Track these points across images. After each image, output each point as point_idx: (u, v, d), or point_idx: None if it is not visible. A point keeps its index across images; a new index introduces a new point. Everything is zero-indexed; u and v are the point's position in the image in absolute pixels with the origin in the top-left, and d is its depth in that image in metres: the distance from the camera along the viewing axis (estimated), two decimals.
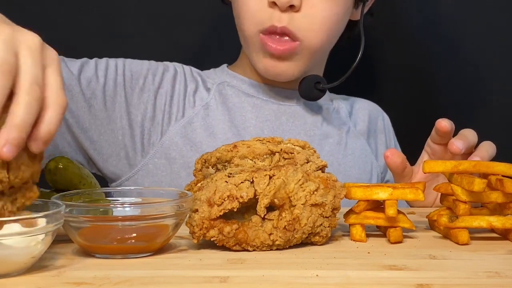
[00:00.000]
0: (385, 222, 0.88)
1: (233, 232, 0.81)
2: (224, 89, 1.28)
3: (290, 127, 1.27)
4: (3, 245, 0.69)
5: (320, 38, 1.20)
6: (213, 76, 1.31)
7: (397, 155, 1.09)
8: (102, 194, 0.88)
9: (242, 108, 1.26)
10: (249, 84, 1.28)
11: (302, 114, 1.29)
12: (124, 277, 0.71)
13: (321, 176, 0.86)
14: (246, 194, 0.81)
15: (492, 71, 1.50)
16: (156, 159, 1.21)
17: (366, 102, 1.40)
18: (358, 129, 1.35)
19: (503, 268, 0.75)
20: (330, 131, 1.30)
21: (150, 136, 1.22)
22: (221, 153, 0.89)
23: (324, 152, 1.26)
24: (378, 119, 1.39)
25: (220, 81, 1.29)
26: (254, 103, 1.27)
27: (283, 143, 0.91)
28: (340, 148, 1.29)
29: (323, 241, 0.85)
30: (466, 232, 0.86)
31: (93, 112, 1.19)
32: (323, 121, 1.30)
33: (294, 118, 1.28)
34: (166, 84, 1.25)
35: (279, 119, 1.27)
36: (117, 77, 1.22)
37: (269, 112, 1.27)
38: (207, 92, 1.27)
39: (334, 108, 1.34)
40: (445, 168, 0.90)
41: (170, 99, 1.24)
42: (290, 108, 1.28)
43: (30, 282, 0.70)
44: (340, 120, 1.33)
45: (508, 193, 0.88)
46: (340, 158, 1.28)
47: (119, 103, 1.21)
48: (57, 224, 0.73)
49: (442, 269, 0.75)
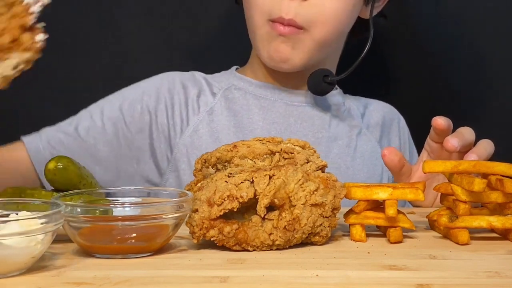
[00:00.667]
0: (385, 222, 0.88)
1: (233, 232, 0.81)
2: (231, 93, 1.28)
3: (298, 129, 1.27)
4: (3, 245, 0.69)
5: (327, 30, 1.20)
6: (221, 80, 1.31)
7: (394, 153, 1.09)
8: (102, 194, 0.88)
9: (249, 110, 1.26)
10: (256, 86, 1.28)
11: (310, 115, 1.28)
12: (124, 277, 0.71)
13: (321, 176, 0.86)
14: (246, 194, 0.81)
15: (495, 71, 1.49)
16: (172, 173, 1.24)
17: (382, 103, 1.38)
18: (370, 130, 1.33)
19: (503, 268, 0.75)
20: (339, 133, 1.29)
21: (162, 155, 1.24)
22: (221, 153, 0.89)
23: (332, 155, 1.25)
24: (393, 122, 1.36)
25: (228, 85, 1.29)
26: (261, 105, 1.27)
27: (283, 143, 0.91)
28: (349, 150, 1.28)
29: (323, 241, 0.85)
30: (466, 232, 0.86)
31: (102, 155, 1.22)
32: (332, 123, 1.29)
33: (302, 120, 1.27)
34: (163, 98, 1.25)
35: (287, 120, 1.27)
36: (113, 114, 1.24)
37: (276, 114, 1.27)
38: (212, 96, 1.27)
39: (346, 109, 1.33)
40: (445, 168, 0.90)
41: (171, 112, 1.25)
42: (298, 109, 1.28)
43: (30, 282, 0.70)
44: (351, 122, 1.31)
45: (508, 193, 0.88)
46: (348, 161, 1.27)
47: (124, 137, 1.23)
48: (57, 224, 0.73)
49: (442, 269, 0.75)
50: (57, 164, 0.87)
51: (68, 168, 0.87)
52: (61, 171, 0.87)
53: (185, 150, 1.23)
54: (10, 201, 0.81)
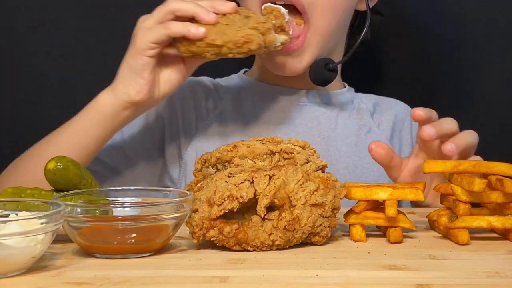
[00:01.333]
0: (385, 222, 0.88)
1: (233, 232, 0.81)
2: (239, 97, 1.28)
3: (304, 129, 1.26)
4: (3, 245, 0.69)
5: (326, 16, 1.19)
6: (228, 84, 1.31)
7: (381, 147, 1.09)
8: (102, 194, 0.88)
9: (256, 112, 1.26)
10: (263, 87, 1.28)
11: (317, 115, 1.28)
12: (124, 277, 0.71)
13: (321, 176, 0.86)
14: (246, 194, 0.81)
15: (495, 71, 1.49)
16: (183, 179, 1.24)
17: (394, 101, 1.37)
18: (381, 129, 1.32)
19: (503, 268, 0.75)
20: (347, 131, 1.28)
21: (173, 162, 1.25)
22: (221, 153, 0.89)
23: (340, 153, 1.25)
24: (405, 120, 1.34)
25: (235, 88, 1.29)
26: (268, 107, 1.27)
27: (283, 143, 0.91)
28: (357, 149, 1.27)
29: (323, 241, 0.85)
30: (466, 232, 0.86)
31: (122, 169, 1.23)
32: (339, 121, 1.29)
33: (308, 120, 1.27)
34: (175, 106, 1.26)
35: (292, 121, 1.26)
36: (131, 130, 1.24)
37: (282, 115, 1.26)
38: (220, 100, 1.28)
39: (354, 107, 1.32)
40: (445, 168, 0.90)
41: (182, 119, 1.25)
42: (305, 109, 1.27)
43: (30, 282, 0.70)
44: (360, 121, 1.31)
45: (508, 193, 0.88)
46: (356, 160, 1.26)
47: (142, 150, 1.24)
48: (57, 224, 0.73)
49: (442, 269, 0.75)
50: (57, 164, 0.87)
51: (68, 168, 0.87)
52: (61, 171, 0.87)
53: (194, 155, 1.23)
54: (10, 201, 0.81)
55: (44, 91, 1.45)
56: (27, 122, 1.44)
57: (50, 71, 1.44)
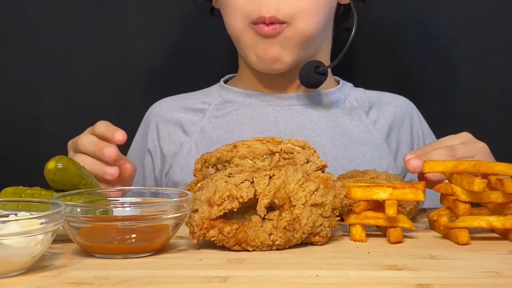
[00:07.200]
0: (385, 222, 0.88)
1: (233, 232, 0.81)
2: (222, 106, 1.27)
3: (288, 135, 1.19)
4: (3, 245, 0.70)
5: (310, 20, 1.18)
6: (210, 95, 1.30)
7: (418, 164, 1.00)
8: (102, 194, 0.88)
9: (239, 121, 1.24)
10: (246, 95, 1.27)
11: (301, 119, 1.25)
12: (124, 277, 0.71)
13: (321, 176, 0.86)
14: (246, 194, 0.81)
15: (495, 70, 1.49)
16: None
17: (395, 97, 1.31)
18: (377, 127, 1.27)
19: (503, 268, 0.75)
20: (335, 134, 1.24)
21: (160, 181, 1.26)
22: (221, 153, 0.89)
23: (327, 158, 1.20)
24: (405, 117, 1.29)
25: (217, 99, 1.28)
26: (251, 115, 1.25)
27: (283, 143, 0.91)
28: (347, 152, 1.23)
29: (323, 241, 0.85)
30: (466, 232, 0.86)
31: None
32: (327, 124, 1.25)
33: (293, 126, 1.24)
34: (153, 134, 1.28)
35: (277, 127, 1.24)
36: None
37: (266, 121, 1.24)
38: (201, 113, 1.27)
39: (346, 106, 1.28)
40: (445, 168, 0.90)
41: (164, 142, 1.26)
42: (289, 114, 1.25)
43: (30, 282, 0.70)
44: (352, 121, 1.26)
45: (508, 193, 0.88)
46: (345, 164, 1.21)
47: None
48: (57, 224, 0.73)
49: (442, 269, 0.75)
50: (57, 164, 0.87)
51: (68, 168, 0.87)
52: (61, 171, 0.87)
53: (179, 171, 1.23)
54: (10, 201, 0.81)
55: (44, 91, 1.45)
56: (27, 122, 1.44)
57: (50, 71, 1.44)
